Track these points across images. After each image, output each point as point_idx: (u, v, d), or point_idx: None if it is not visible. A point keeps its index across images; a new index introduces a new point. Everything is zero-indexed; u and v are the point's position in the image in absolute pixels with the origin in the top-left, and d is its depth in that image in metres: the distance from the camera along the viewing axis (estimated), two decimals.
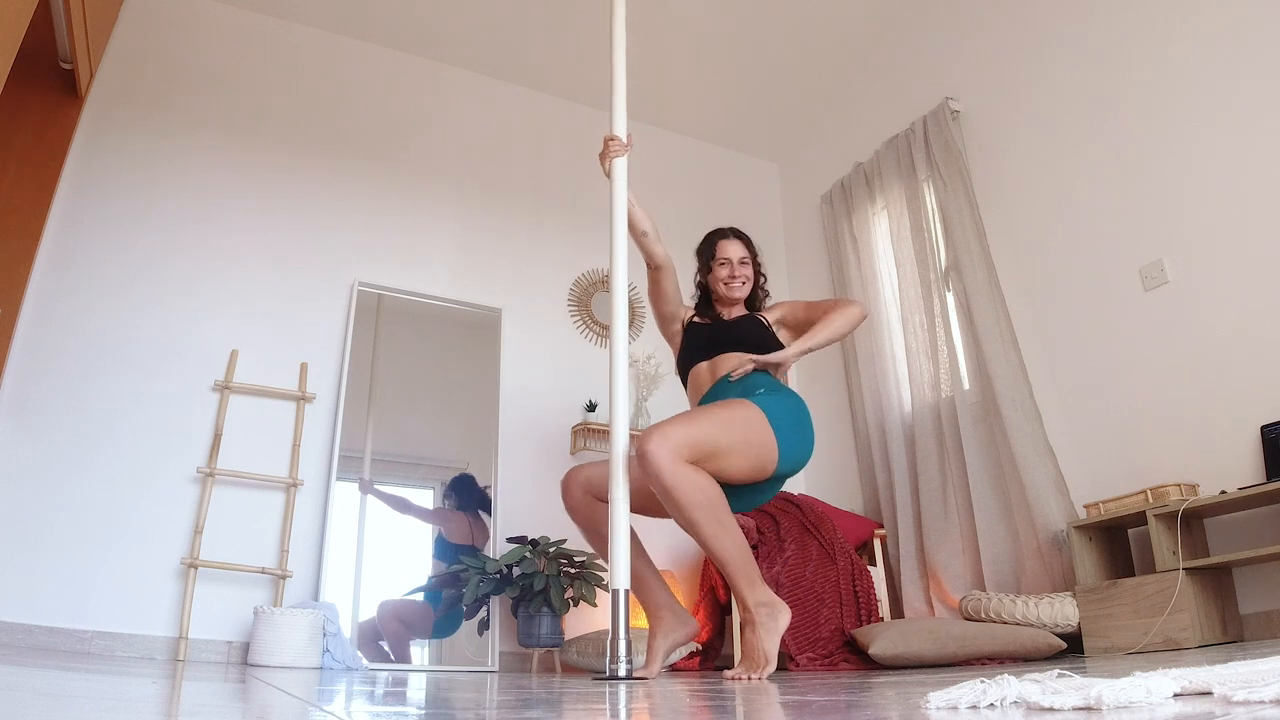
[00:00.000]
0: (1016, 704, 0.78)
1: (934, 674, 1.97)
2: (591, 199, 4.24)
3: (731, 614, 3.31)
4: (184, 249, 3.54)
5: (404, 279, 3.94)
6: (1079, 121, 3.34)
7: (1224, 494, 2.46)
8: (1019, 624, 2.79)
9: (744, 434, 2.09)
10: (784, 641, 2.10)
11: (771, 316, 2.51)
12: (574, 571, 3.29)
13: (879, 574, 3.55)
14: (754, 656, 1.96)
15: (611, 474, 2.12)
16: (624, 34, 2.59)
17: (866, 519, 3.76)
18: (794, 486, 4.00)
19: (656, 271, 2.51)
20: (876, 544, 3.69)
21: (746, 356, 2.29)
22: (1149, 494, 2.66)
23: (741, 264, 2.53)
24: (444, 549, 3.59)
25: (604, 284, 4.36)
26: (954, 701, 0.81)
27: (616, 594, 2.03)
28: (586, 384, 4.09)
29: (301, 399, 3.53)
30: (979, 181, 3.70)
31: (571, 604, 3.28)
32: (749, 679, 1.90)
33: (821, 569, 3.15)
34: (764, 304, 2.63)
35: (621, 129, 2.46)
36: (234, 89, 3.90)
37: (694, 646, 3.23)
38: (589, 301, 4.35)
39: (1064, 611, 2.74)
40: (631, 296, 4.25)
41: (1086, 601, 2.71)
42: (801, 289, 4.83)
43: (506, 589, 3.27)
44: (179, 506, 3.19)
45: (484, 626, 3.46)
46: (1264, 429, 2.54)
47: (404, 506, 3.64)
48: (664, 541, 3.72)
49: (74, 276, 3.30)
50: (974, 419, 3.41)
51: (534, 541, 3.32)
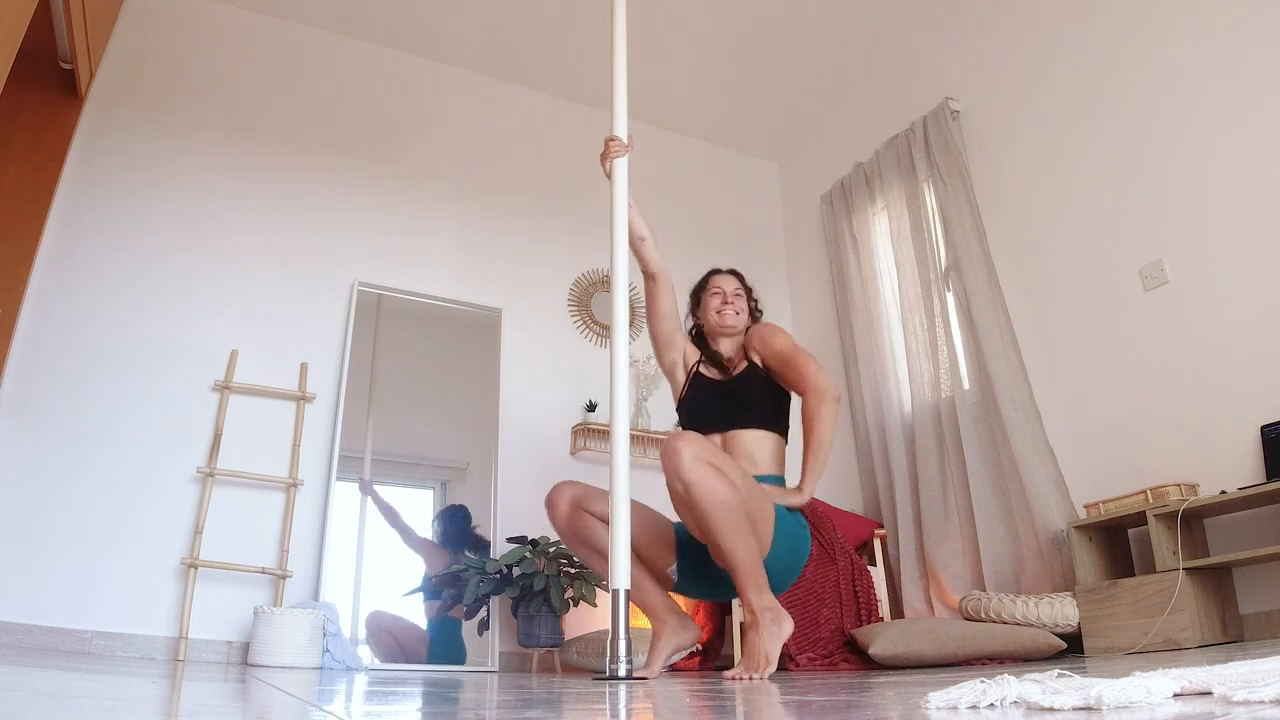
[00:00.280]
0: (1016, 704, 0.78)
1: (934, 674, 1.97)
2: (591, 199, 4.24)
3: (731, 614, 3.32)
4: (184, 249, 3.54)
5: (404, 279, 3.94)
6: (1079, 121, 3.34)
7: (1224, 494, 2.46)
8: (1019, 624, 2.79)
9: (755, 512, 2.06)
10: (784, 642, 2.10)
11: (754, 355, 2.42)
12: (574, 571, 3.29)
13: (879, 574, 3.55)
14: (755, 657, 1.96)
15: (613, 474, 2.12)
16: (625, 35, 2.59)
17: (866, 519, 3.76)
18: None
19: (652, 282, 2.47)
20: (876, 544, 3.69)
21: (769, 493, 2.20)
22: (1149, 494, 2.66)
23: (735, 294, 2.51)
24: (428, 581, 3.48)
25: (604, 284, 4.36)
26: (954, 701, 0.81)
27: (616, 594, 2.02)
28: (586, 384, 4.09)
29: (301, 399, 3.53)
30: (979, 181, 3.70)
31: (571, 604, 3.28)
32: (749, 679, 1.90)
33: (821, 569, 3.15)
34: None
35: (622, 129, 2.46)
36: (234, 89, 3.90)
37: (694, 646, 3.23)
38: (589, 301, 4.35)
39: (1064, 611, 2.74)
40: (631, 296, 4.25)
41: (1086, 601, 2.71)
42: (801, 289, 4.83)
43: (506, 589, 3.27)
44: (179, 506, 3.19)
45: (484, 626, 3.46)
46: (1264, 429, 2.54)
47: (394, 520, 3.57)
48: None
49: (74, 276, 3.30)
50: (974, 419, 3.41)
51: (534, 541, 3.32)
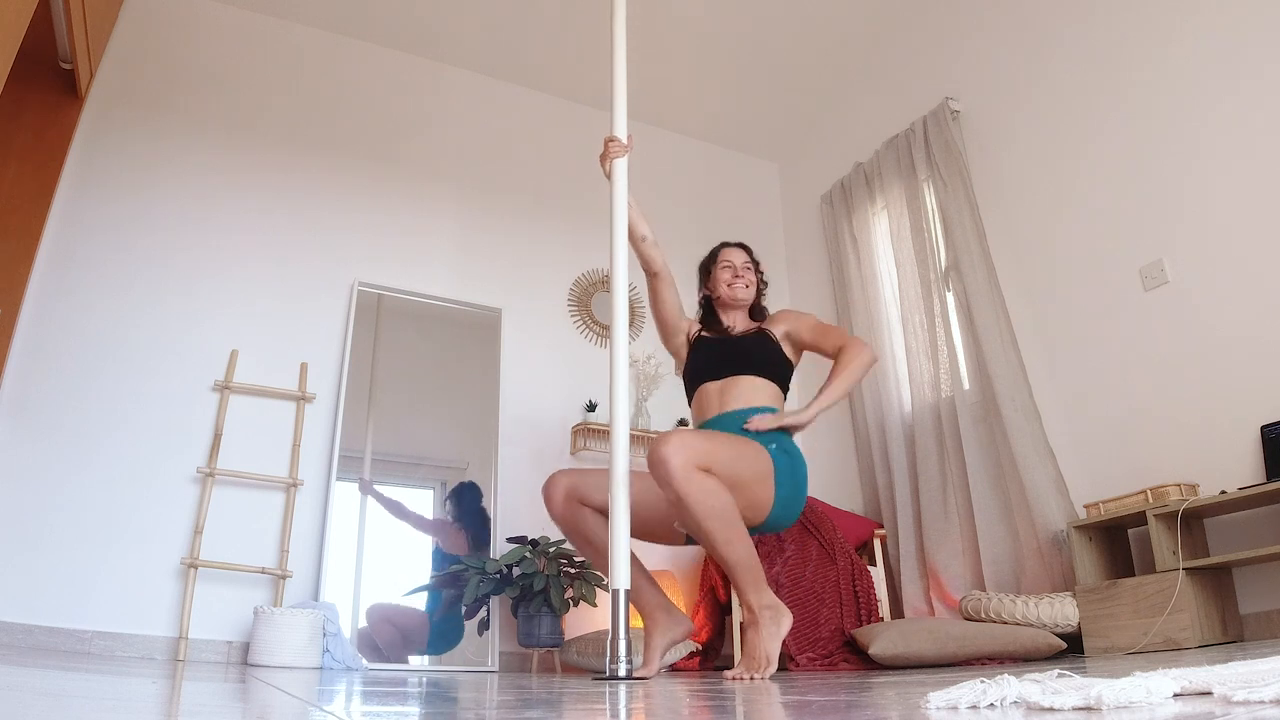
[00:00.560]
0: (1016, 704, 0.78)
1: (934, 674, 1.97)
2: (591, 199, 4.24)
3: (731, 614, 3.32)
4: (184, 249, 3.54)
5: (404, 279, 3.94)
6: (1079, 121, 3.34)
7: (1224, 494, 2.46)
8: (1019, 624, 2.79)
9: (750, 478, 2.08)
10: (784, 642, 2.10)
11: (776, 330, 2.44)
12: (574, 571, 3.30)
13: (879, 574, 3.55)
14: (755, 657, 1.96)
15: (612, 474, 2.12)
16: (624, 35, 2.58)
17: (866, 519, 3.76)
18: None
19: (655, 279, 2.48)
20: (876, 544, 3.69)
21: (768, 418, 2.23)
22: (1149, 494, 2.66)
23: (745, 268, 2.52)
24: (442, 560, 3.54)
25: (604, 284, 4.36)
26: (954, 701, 0.81)
27: (616, 594, 2.03)
28: (586, 384, 4.09)
29: (301, 399, 3.53)
30: (979, 181, 3.70)
31: (571, 604, 3.28)
32: (750, 679, 1.90)
33: (821, 569, 3.15)
34: (766, 314, 2.58)
35: (622, 130, 2.46)
36: (234, 89, 3.90)
37: (694, 646, 3.23)
38: (589, 301, 4.35)
39: (1064, 611, 2.74)
40: (631, 296, 4.25)
41: (1086, 601, 2.71)
42: (802, 289, 4.83)
43: (506, 589, 3.27)
44: (179, 506, 3.19)
45: (484, 626, 3.46)
46: (1264, 429, 2.54)
47: (400, 512, 3.60)
48: None
49: (74, 276, 3.30)
50: (974, 419, 3.41)
51: (534, 541, 3.32)
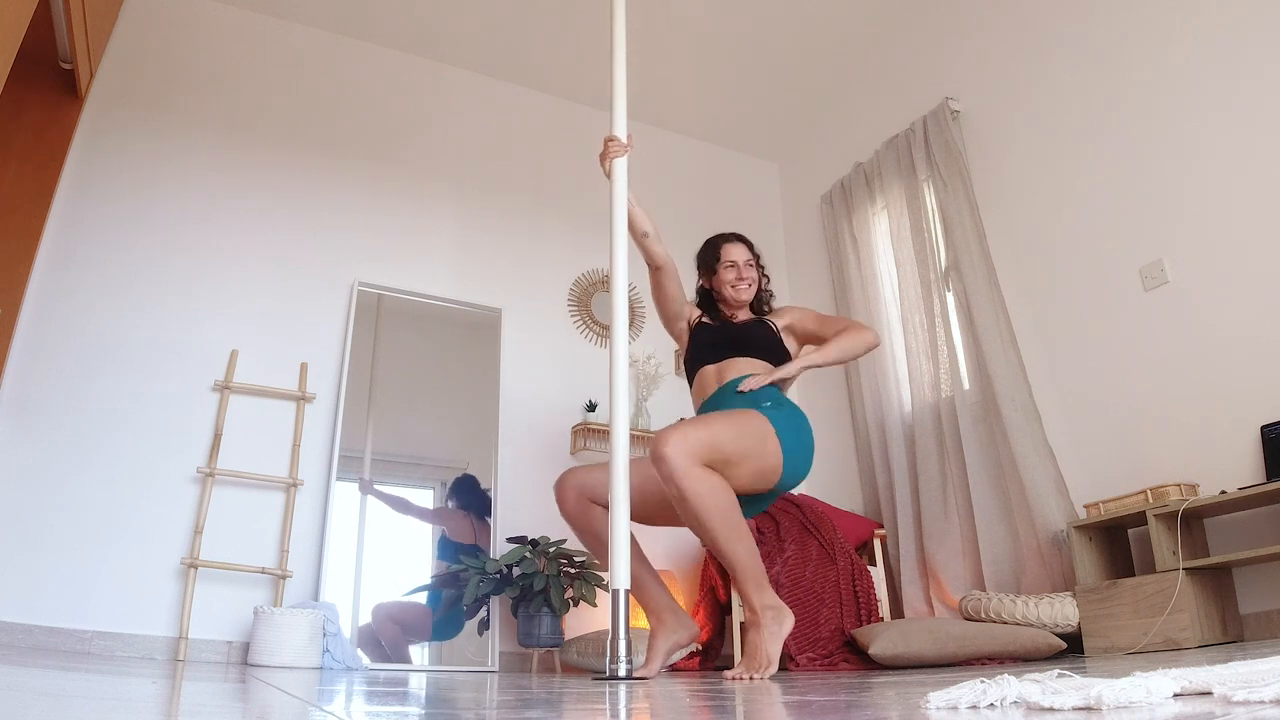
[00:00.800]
0: (1016, 704, 0.78)
1: (934, 674, 1.97)
2: (591, 199, 4.24)
3: (731, 614, 3.31)
4: (184, 249, 3.54)
5: (404, 279, 3.94)
6: (1079, 121, 3.34)
7: (1224, 494, 2.46)
8: (1019, 624, 2.79)
9: (755, 445, 2.09)
10: (784, 642, 2.11)
11: (779, 322, 2.47)
12: (574, 571, 3.29)
13: (879, 574, 3.54)
14: (756, 657, 1.96)
15: (612, 474, 2.12)
16: (624, 35, 2.58)
17: (866, 519, 3.76)
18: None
19: (658, 272, 2.49)
20: (876, 544, 3.69)
21: (759, 375, 2.27)
22: (1149, 494, 2.65)
23: (748, 266, 2.53)
24: (447, 549, 3.58)
25: (604, 284, 4.36)
26: (954, 701, 0.81)
27: (616, 594, 2.02)
28: (586, 384, 4.09)
29: (301, 399, 3.53)
30: (979, 181, 3.70)
31: (571, 604, 3.28)
32: (750, 679, 1.90)
33: (821, 569, 3.15)
34: (770, 307, 2.60)
35: (621, 130, 2.46)
36: (234, 89, 3.90)
37: (694, 646, 3.23)
38: (589, 301, 4.35)
39: (1064, 611, 2.74)
40: (631, 296, 4.25)
41: (1086, 601, 2.71)
42: (802, 289, 4.83)
43: (506, 589, 3.27)
44: (179, 506, 3.19)
45: (484, 626, 3.46)
46: (1264, 429, 2.54)
47: (404, 507, 3.63)
48: (664, 542, 3.72)
49: (74, 276, 3.30)
50: (974, 419, 3.41)
51: (534, 541, 3.32)
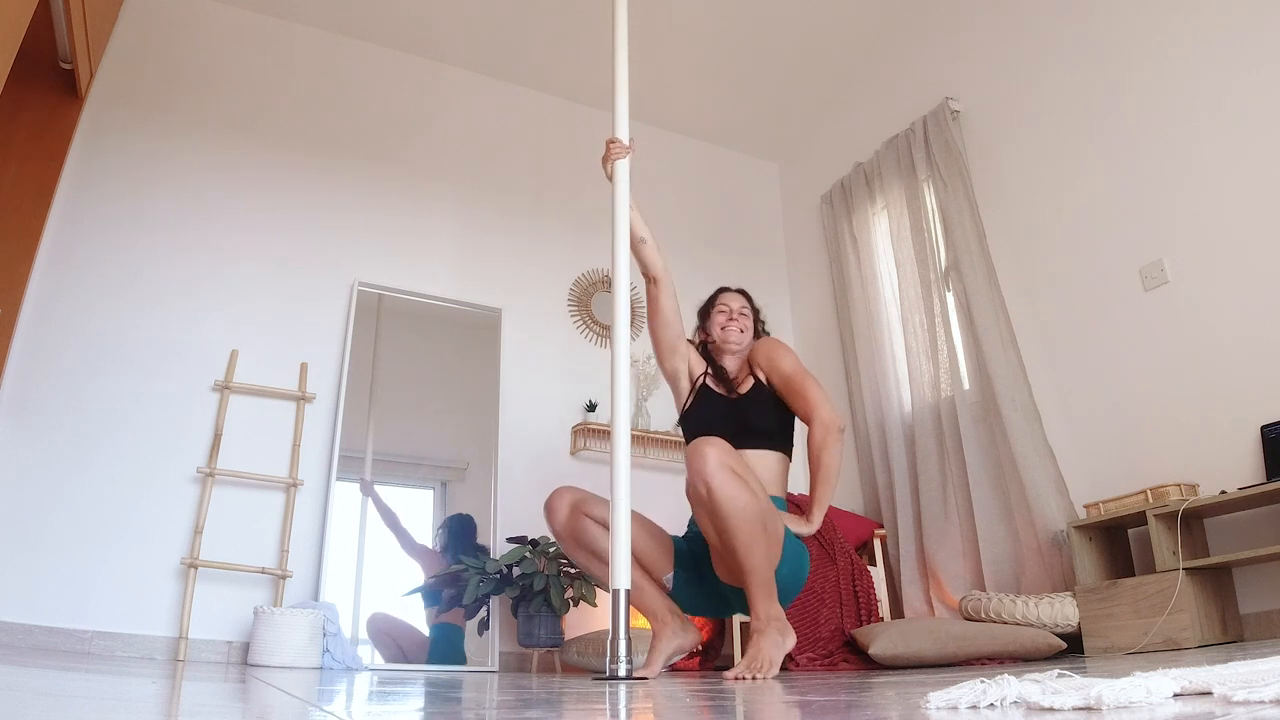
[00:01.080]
0: (1016, 704, 0.78)
1: (934, 674, 1.97)
2: (591, 199, 4.24)
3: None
4: (184, 249, 3.54)
5: (404, 279, 3.94)
6: (1079, 121, 3.34)
7: (1224, 494, 2.46)
8: (1019, 624, 2.79)
9: (771, 527, 2.05)
10: None
11: (759, 372, 2.43)
12: (574, 571, 3.29)
13: (879, 574, 3.55)
14: (758, 658, 1.96)
15: (613, 474, 2.12)
16: (626, 36, 2.58)
17: (866, 519, 3.76)
18: (794, 486, 4.00)
19: (654, 286, 2.44)
20: (876, 544, 3.69)
21: (784, 519, 2.22)
22: (1149, 494, 2.66)
23: (740, 313, 2.52)
24: (426, 594, 3.44)
25: (604, 284, 4.36)
26: (954, 701, 0.81)
27: (616, 594, 2.02)
28: (586, 384, 4.09)
29: (301, 399, 3.53)
30: (979, 181, 3.70)
31: (571, 604, 3.28)
32: (750, 679, 1.89)
33: (821, 569, 3.15)
34: (762, 332, 2.60)
35: (623, 132, 2.46)
36: (234, 89, 3.90)
37: (694, 648, 3.23)
38: (589, 301, 4.34)
39: (1064, 611, 2.74)
40: (632, 297, 4.24)
41: (1086, 601, 2.71)
42: (802, 289, 4.83)
43: (506, 589, 3.27)
44: (179, 506, 3.19)
45: (484, 626, 3.46)
46: (1264, 429, 2.54)
47: (393, 524, 3.56)
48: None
49: (74, 276, 3.30)
50: (974, 419, 3.41)
51: (534, 541, 3.32)
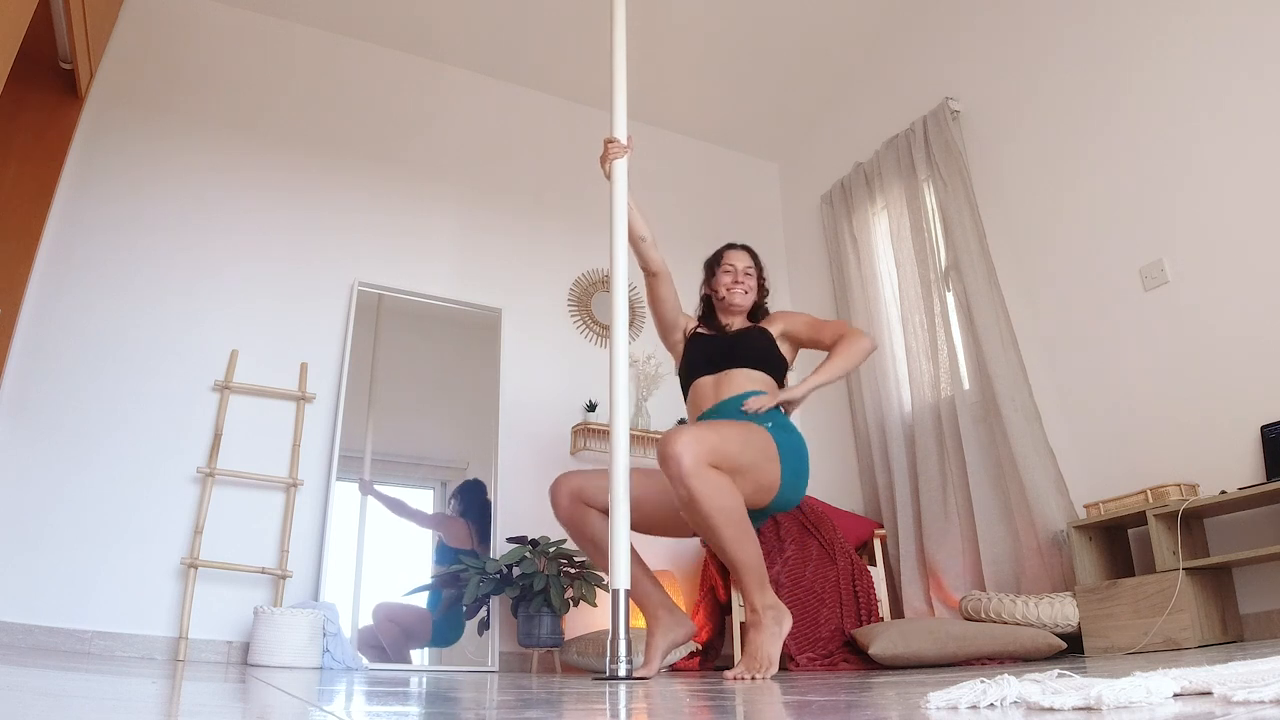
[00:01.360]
0: (1016, 704, 0.78)
1: (934, 674, 1.97)
2: (591, 199, 4.25)
3: (731, 614, 3.31)
4: (184, 249, 3.54)
5: (404, 279, 3.94)
6: (1079, 121, 3.34)
7: (1224, 494, 2.46)
8: (1019, 624, 2.79)
9: (759, 459, 2.10)
10: (784, 642, 2.11)
11: (774, 329, 2.49)
12: (574, 571, 3.30)
13: (879, 574, 3.54)
14: (757, 657, 1.97)
15: (612, 474, 2.12)
16: (624, 35, 2.58)
17: (866, 519, 3.76)
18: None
19: (654, 279, 2.51)
20: (876, 544, 3.69)
21: (764, 396, 2.27)
22: (1149, 494, 2.66)
23: (746, 273, 2.54)
24: (445, 554, 3.57)
25: (604, 284, 4.36)
26: (954, 701, 0.81)
27: (616, 594, 2.03)
28: (586, 384, 4.09)
29: (301, 399, 3.53)
30: (979, 181, 3.70)
31: (571, 604, 3.28)
32: (750, 679, 1.90)
33: (821, 569, 3.15)
34: (767, 310, 2.63)
35: (622, 131, 2.46)
36: (234, 89, 3.90)
37: (694, 646, 3.23)
38: (589, 301, 4.35)
39: (1064, 611, 2.74)
40: (631, 296, 4.25)
41: (1086, 601, 2.71)
42: (802, 289, 4.83)
43: (506, 589, 3.27)
44: (179, 506, 3.19)
45: (484, 626, 3.46)
46: (1264, 429, 2.54)
47: (402, 509, 3.61)
48: (664, 541, 3.73)
49: (74, 276, 3.30)
50: (974, 419, 3.41)
51: (534, 541, 3.32)
